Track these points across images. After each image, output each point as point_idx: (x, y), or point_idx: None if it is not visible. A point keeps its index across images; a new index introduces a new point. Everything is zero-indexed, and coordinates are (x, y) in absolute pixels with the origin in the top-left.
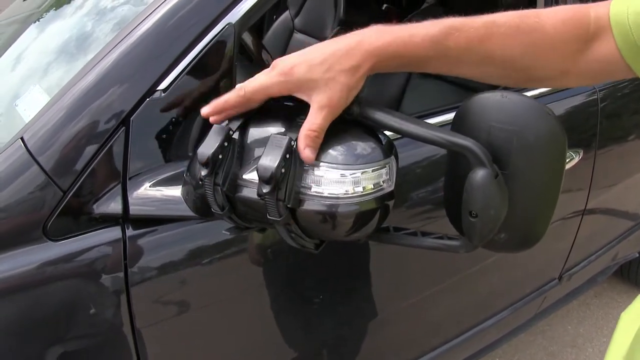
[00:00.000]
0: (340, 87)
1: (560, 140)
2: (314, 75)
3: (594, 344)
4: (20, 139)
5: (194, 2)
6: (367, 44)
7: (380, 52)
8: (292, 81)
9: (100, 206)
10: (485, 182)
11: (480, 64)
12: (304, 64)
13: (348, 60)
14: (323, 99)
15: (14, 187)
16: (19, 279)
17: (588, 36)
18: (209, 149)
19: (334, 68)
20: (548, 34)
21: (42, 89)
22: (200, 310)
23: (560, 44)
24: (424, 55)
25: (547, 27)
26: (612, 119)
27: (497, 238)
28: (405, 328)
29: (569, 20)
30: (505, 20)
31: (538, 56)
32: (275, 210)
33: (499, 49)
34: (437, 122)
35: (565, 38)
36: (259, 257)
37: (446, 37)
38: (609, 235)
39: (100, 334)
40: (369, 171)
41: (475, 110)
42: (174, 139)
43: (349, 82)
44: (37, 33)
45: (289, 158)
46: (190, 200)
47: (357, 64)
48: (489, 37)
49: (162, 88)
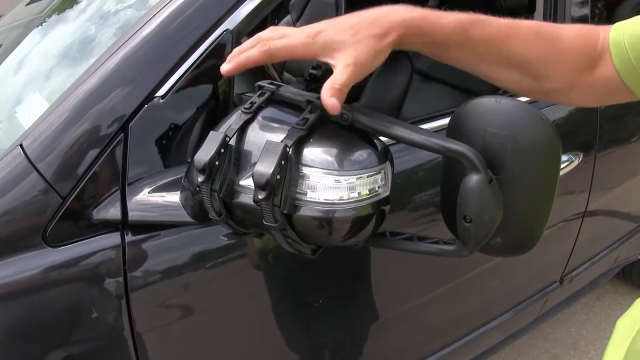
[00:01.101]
0: (367, 49)
1: (555, 145)
2: (342, 37)
3: (597, 347)
4: (19, 146)
5: (192, 9)
6: (396, 15)
7: (408, 24)
8: (318, 43)
9: (100, 212)
10: (479, 187)
11: (498, 64)
12: (332, 27)
13: (376, 27)
14: (349, 58)
15: (14, 193)
16: (19, 285)
17: (595, 54)
18: (205, 155)
19: (361, 32)
20: (564, 44)
21: (41, 96)
22: (200, 315)
23: (573, 56)
24: (448, 39)
25: (564, 37)
26: (612, 121)
27: (493, 242)
28: (405, 331)
29: (581, 35)
30: (527, 25)
31: (553, 64)
32: (271, 216)
33: (519, 50)
34: (438, 126)
35: (577, 51)
36: (259, 261)
37: (472, 26)
38: (610, 237)
39: (100, 339)
40: (364, 177)
41: (470, 115)
42: (172, 144)
43: (376, 45)
44: (37, 39)
45: (284, 164)
46: (189, 206)
47: (385, 31)
48: (512, 36)
49: (161, 94)
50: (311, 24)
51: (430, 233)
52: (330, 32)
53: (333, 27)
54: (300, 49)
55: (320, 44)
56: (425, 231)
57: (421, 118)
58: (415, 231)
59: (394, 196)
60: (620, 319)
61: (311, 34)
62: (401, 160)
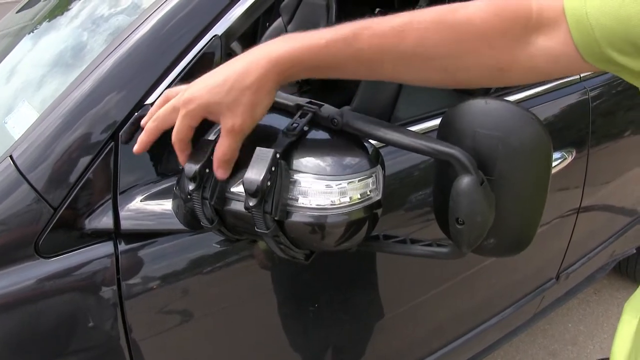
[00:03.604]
0: (243, 109)
1: (545, 144)
2: (216, 98)
3: (595, 341)
4: (9, 157)
5: (180, 15)
6: (268, 55)
7: (284, 60)
8: (196, 110)
9: (92, 222)
10: (471, 189)
11: (399, 65)
12: (204, 89)
13: (249, 75)
14: (227, 124)
15: (4, 205)
16: (11, 297)
17: (529, 28)
18: (196, 163)
19: (235, 87)
20: (477, 27)
21: (31, 106)
22: (195, 322)
23: (495, 38)
24: (334, 59)
25: (475, 19)
26: (603, 117)
27: (486, 243)
28: (404, 331)
29: (503, 11)
30: (426, 16)
31: (466, 52)
32: (263, 223)
33: (416, 46)
34: (431, 127)
35: (500, 30)
36: (259, 264)
37: (356, 37)
38: (605, 232)
39: (95, 349)
40: (356, 181)
41: (459, 117)
42: (164, 152)
43: (252, 100)
44: (27, 47)
45: (275, 170)
46: (181, 214)
47: (258, 78)
48: (405, 36)
49: (150, 102)
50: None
51: (422, 234)
52: (203, 94)
53: (206, 87)
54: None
55: (200, 108)
56: (418, 232)
57: (414, 119)
58: (407, 232)
59: (387, 198)
60: (628, 302)
61: (185, 102)
62: (393, 162)
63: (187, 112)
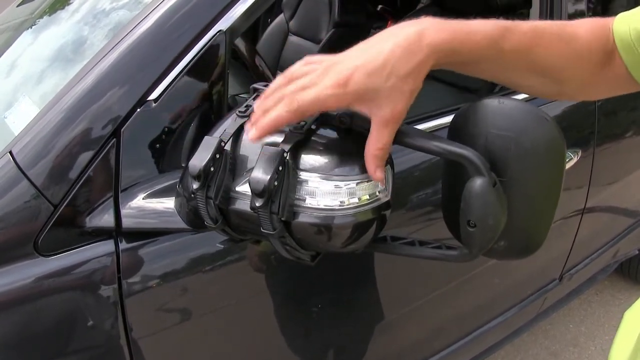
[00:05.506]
0: (405, 97)
1: (559, 145)
2: (375, 84)
3: (596, 342)
4: (9, 153)
5: (184, 10)
6: (428, 39)
7: (442, 48)
8: (349, 93)
9: (93, 219)
10: (484, 191)
11: (524, 72)
12: (361, 70)
13: (410, 59)
14: (386, 113)
15: (3, 202)
16: (10, 296)
17: (608, 48)
18: (200, 161)
19: (395, 73)
20: (581, 43)
21: (31, 101)
22: (195, 321)
23: (590, 55)
24: (480, 55)
25: (580, 36)
26: (609, 117)
27: (497, 246)
28: (407, 332)
29: (595, 30)
30: (549, 28)
31: (574, 67)
32: (269, 224)
33: (545, 56)
34: (436, 125)
35: (594, 48)
36: (260, 264)
37: (502, 38)
38: (609, 233)
39: (96, 348)
40: (365, 182)
41: (472, 117)
42: (166, 149)
43: (412, 88)
44: (28, 42)
45: (282, 170)
46: (184, 213)
47: (420, 62)
48: (537, 43)
49: (153, 98)
50: (338, 58)
51: (423, 233)
52: (360, 78)
53: (364, 68)
54: (332, 101)
55: (352, 94)
56: (419, 231)
57: (419, 117)
58: (409, 231)
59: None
60: (628, 311)
61: (340, 82)
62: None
63: (340, 93)
